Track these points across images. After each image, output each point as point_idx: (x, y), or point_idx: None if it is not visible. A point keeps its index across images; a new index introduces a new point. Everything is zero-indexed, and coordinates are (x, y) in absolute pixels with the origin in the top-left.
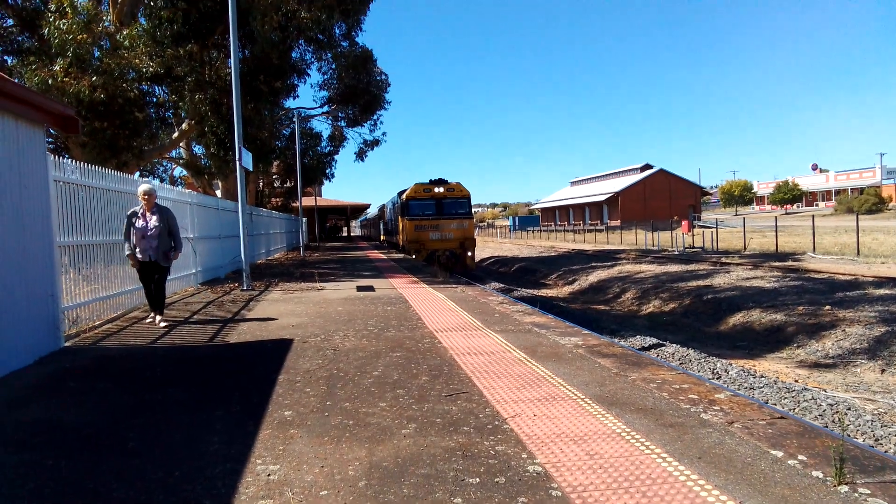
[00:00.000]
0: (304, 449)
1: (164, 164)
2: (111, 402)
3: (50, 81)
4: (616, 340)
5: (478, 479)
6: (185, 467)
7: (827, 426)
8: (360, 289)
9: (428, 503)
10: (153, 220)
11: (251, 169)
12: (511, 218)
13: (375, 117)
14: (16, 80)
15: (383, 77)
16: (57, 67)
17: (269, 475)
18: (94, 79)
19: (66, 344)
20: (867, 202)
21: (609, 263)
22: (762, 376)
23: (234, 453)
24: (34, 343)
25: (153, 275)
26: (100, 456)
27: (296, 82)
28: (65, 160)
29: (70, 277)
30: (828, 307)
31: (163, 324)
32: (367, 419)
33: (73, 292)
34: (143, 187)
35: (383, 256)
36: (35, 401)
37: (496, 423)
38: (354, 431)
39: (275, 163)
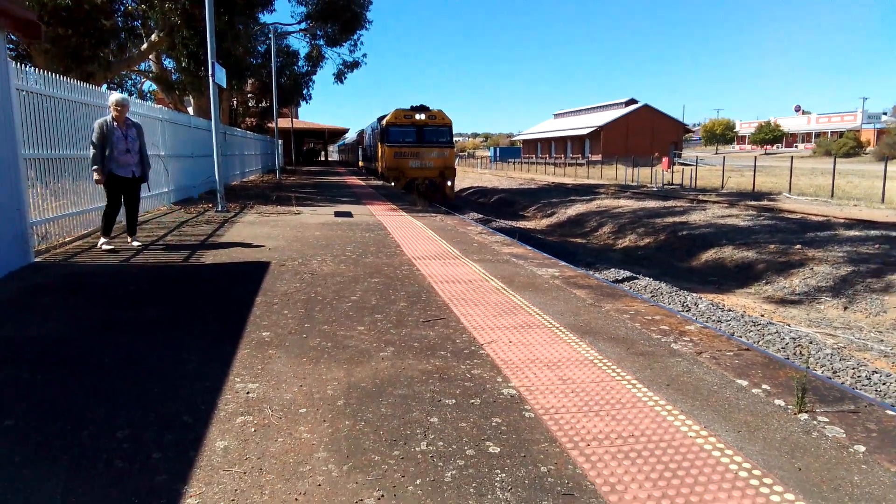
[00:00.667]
0: (282, 369)
1: (133, 77)
2: (84, 319)
3: None
4: (591, 272)
5: (454, 401)
6: (163, 385)
7: (789, 358)
8: (337, 214)
9: (405, 422)
10: (132, 133)
11: (225, 86)
12: (492, 149)
13: (356, 37)
14: None
15: None
16: None
17: (248, 393)
18: None
19: (36, 259)
20: (845, 145)
21: (588, 198)
22: (730, 310)
23: (213, 372)
24: (2, 258)
25: (130, 192)
26: (75, 372)
27: None
28: (27, 68)
29: (37, 192)
30: (798, 246)
31: (136, 243)
32: (345, 342)
33: (42, 207)
34: (115, 97)
35: (362, 183)
36: (6, 316)
37: (472, 348)
38: (333, 353)
39: (250, 81)
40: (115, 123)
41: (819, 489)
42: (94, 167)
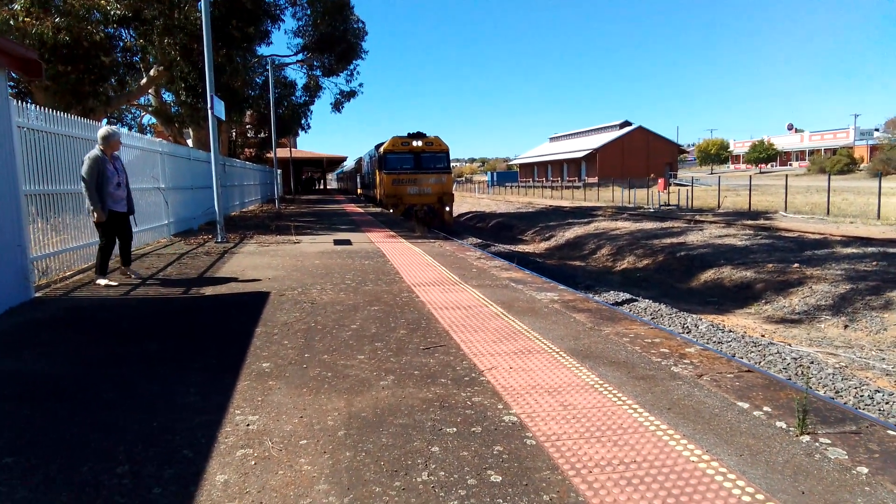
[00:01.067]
0: (282, 400)
1: (133, 111)
2: (85, 354)
3: (10, 22)
4: (591, 296)
5: (455, 429)
6: (164, 418)
7: (791, 379)
8: (337, 242)
9: (406, 451)
10: (121, 166)
11: (224, 118)
12: (489, 173)
13: (352, 67)
14: None
15: (360, 25)
16: (17, 6)
17: (248, 425)
18: (57, 20)
19: (37, 294)
20: (840, 163)
21: (585, 220)
22: (731, 331)
23: (213, 405)
24: (3, 294)
25: (124, 226)
26: (75, 407)
27: (269, 28)
28: (28, 105)
29: (38, 227)
30: (796, 265)
31: (133, 275)
32: (345, 371)
33: (42, 242)
34: (108, 130)
35: (360, 210)
36: (7, 352)
37: (473, 375)
38: (333, 383)
39: (248, 112)
40: (107, 157)
41: None
42: (93, 207)
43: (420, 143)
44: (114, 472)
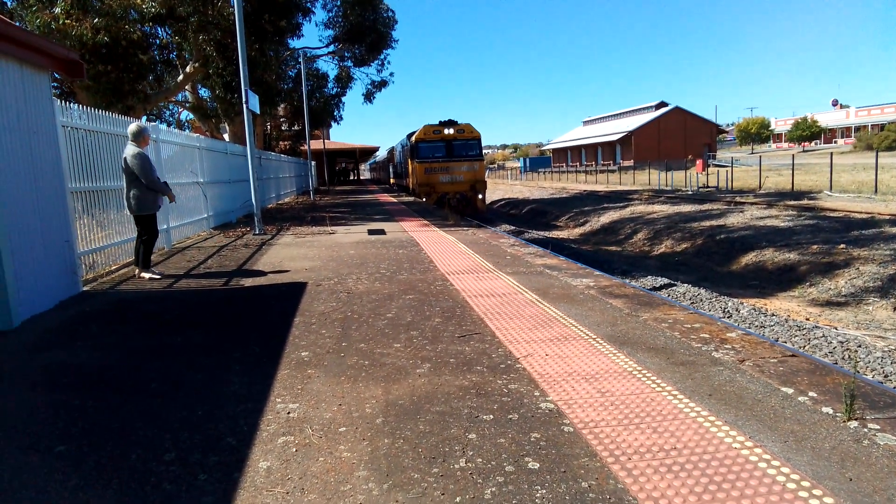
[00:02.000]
0: (321, 388)
1: (171, 107)
2: (132, 345)
3: (52, 24)
4: (627, 281)
5: (491, 416)
6: (207, 406)
7: (837, 363)
8: (371, 232)
9: (443, 439)
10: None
11: (258, 112)
12: (522, 159)
13: (382, 56)
14: (17, 24)
15: (390, 14)
16: (58, 9)
17: (288, 413)
18: (96, 20)
19: (85, 289)
20: (887, 138)
21: (621, 204)
22: (773, 315)
23: (254, 393)
24: (53, 288)
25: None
26: (124, 397)
27: (300, 21)
28: (71, 105)
29: (84, 223)
30: (842, 246)
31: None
32: (382, 359)
33: (89, 238)
34: (138, 125)
35: (393, 200)
36: (58, 344)
37: (509, 362)
38: (370, 371)
39: (281, 105)
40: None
41: (871, 500)
42: (166, 192)
43: (451, 131)
44: (161, 459)
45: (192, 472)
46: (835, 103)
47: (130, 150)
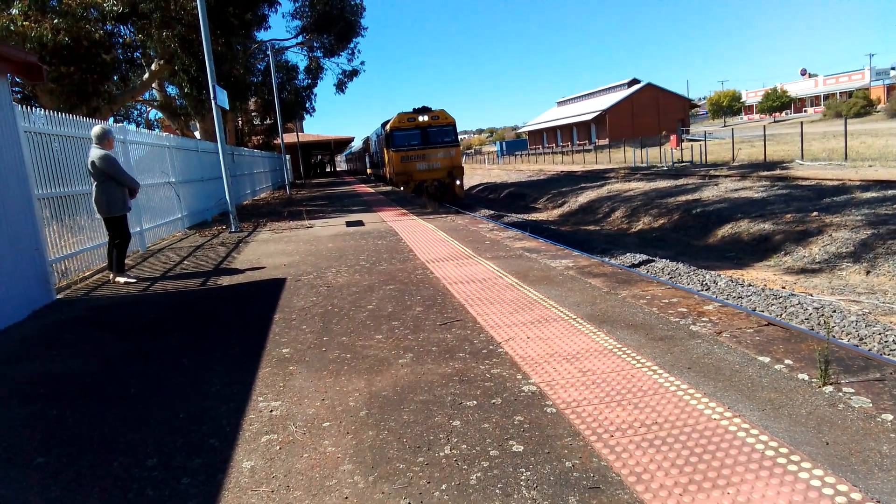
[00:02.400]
0: (304, 384)
1: (139, 107)
2: (109, 351)
3: (10, 27)
4: (606, 259)
5: (475, 402)
6: (189, 409)
7: (813, 329)
8: (349, 224)
9: (427, 427)
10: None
11: (227, 107)
12: (498, 143)
13: (352, 45)
14: None
15: (357, 1)
16: (15, 11)
17: (271, 411)
18: (55, 21)
19: (59, 296)
20: (855, 105)
21: (598, 183)
22: (750, 285)
23: (236, 393)
24: (26, 297)
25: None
26: (103, 404)
27: (266, 12)
28: (34, 110)
29: (54, 230)
30: (815, 213)
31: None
32: (364, 352)
33: (59, 245)
34: (102, 127)
35: (371, 190)
36: (33, 354)
37: (490, 347)
38: (352, 364)
39: (252, 100)
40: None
41: (848, 462)
42: (132, 185)
43: (426, 118)
44: (143, 465)
45: (176, 476)
46: (803, 73)
47: (95, 152)
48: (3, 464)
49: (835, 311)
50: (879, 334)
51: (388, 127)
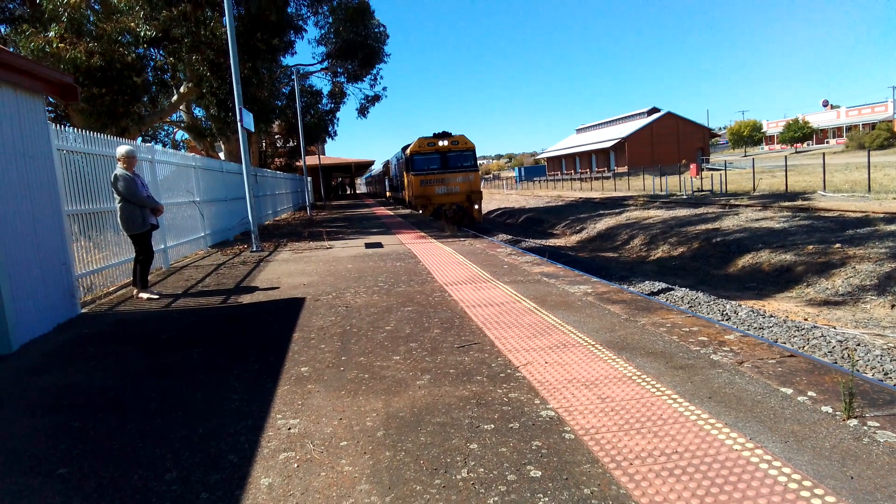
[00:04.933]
0: (322, 403)
1: (166, 128)
2: (131, 366)
3: (46, 48)
4: (625, 287)
5: (492, 426)
6: (208, 425)
7: (836, 362)
8: (368, 246)
9: (444, 450)
10: (145, 182)
11: (253, 129)
12: (517, 169)
13: (375, 71)
14: (10, 49)
15: (381, 29)
16: (52, 34)
17: (289, 429)
18: (90, 44)
19: (83, 311)
20: (879, 137)
21: (616, 210)
22: (772, 316)
23: (255, 410)
24: (51, 311)
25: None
26: (124, 418)
27: (293, 38)
28: (66, 128)
29: (81, 245)
30: (837, 245)
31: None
32: (381, 372)
33: (86, 260)
34: (128, 149)
35: (390, 213)
36: (57, 367)
37: (508, 371)
38: (370, 384)
39: (276, 122)
40: (131, 174)
41: (873, 497)
42: (153, 206)
43: (446, 143)
44: (163, 478)
45: (194, 490)
46: (825, 104)
47: (116, 172)
48: (27, 473)
49: (859, 345)
50: None
51: (408, 151)
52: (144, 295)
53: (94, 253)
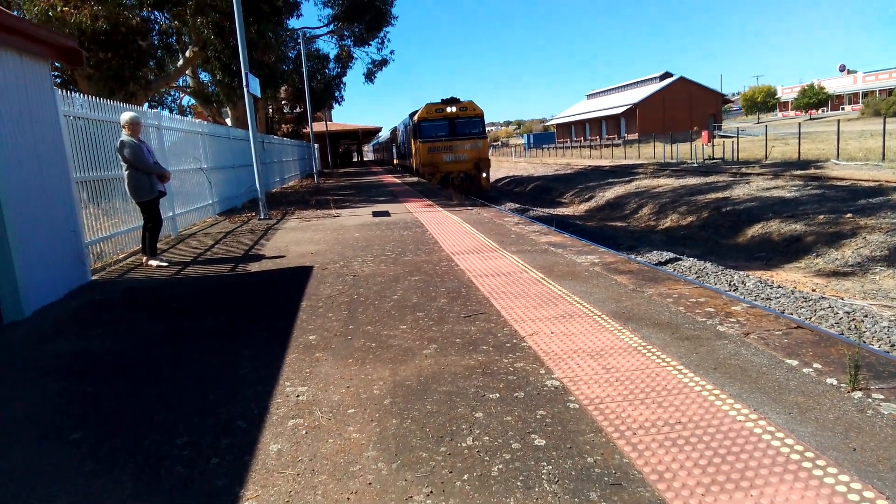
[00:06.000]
0: (329, 371)
1: (172, 93)
2: (142, 332)
3: (50, 13)
4: (633, 257)
5: (497, 395)
6: (218, 391)
7: (843, 334)
8: (375, 214)
9: (450, 418)
10: (150, 149)
11: (259, 95)
12: (525, 136)
13: (382, 34)
14: (14, 13)
15: None
16: None
17: (298, 396)
18: (94, 7)
19: (94, 278)
20: (895, 104)
21: (626, 179)
22: (779, 287)
23: (264, 377)
24: (62, 278)
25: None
26: (135, 383)
27: (299, 0)
28: (73, 94)
29: (90, 213)
30: (849, 215)
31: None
32: (388, 341)
33: (95, 227)
34: (131, 115)
35: (397, 181)
36: (69, 332)
37: (514, 341)
38: (377, 353)
39: (283, 88)
40: (136, 140)
41: (875, 469)
42: (160, 172)
43: (454, 109)
44: (174, 443)
45: (205, 455)
46: (842, 69)
47: (121, 139)
48: (41, 438)
49: (866, 316)
50: None
51: (415, 118)
52: (154, 262)
53: (104, 220)
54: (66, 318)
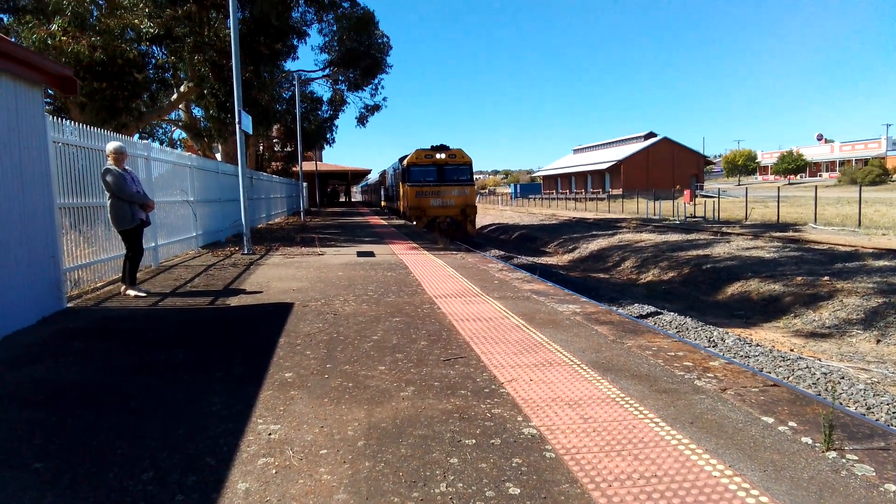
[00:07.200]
0: (304, 409)
1: (164, 126)
2: (114, 362)
3: (48, 41)
4: (614, 308)
5: (474, 441)
6: (188, 426)
7: (820, 394)
8: (360, 254)
9: (424, 462)
10: (136, 178)
11: (251, 132)
12: (512, 185)
13: (376, 81)
14: (12, 40)
15: (385, 40)
16: (55, 26)
17: (269, 434)
18: (93, 39)
19: (69, 305)
20: (871, 173)
21: (609, 232)
22: (758, 345)
23: (236, 413)
24: (37, 304)
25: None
26: (103, 414)
27: (296, 44)
28: (64, 121)
29: (71, 239)
30: (826, 278)
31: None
32: (366, 382)
33: (75, 254)
34: (117, 144)
35: (384, 222)
36: (38, 360)
37: (493, 387)
38: (354, 393)
39: (275, 126)
40: (121, 169)
41: None
42: (142, 202)
43: (443, 156)
44: (139, 478)
45: (170, 491)
46: (819, 138)
47: (106, 166)
48: (0, 466)
49: (843, 378)
50: (888, 404)
51: (405, 162)
52: (132, 292)
53: (84, 247)
54: (37, 344)
